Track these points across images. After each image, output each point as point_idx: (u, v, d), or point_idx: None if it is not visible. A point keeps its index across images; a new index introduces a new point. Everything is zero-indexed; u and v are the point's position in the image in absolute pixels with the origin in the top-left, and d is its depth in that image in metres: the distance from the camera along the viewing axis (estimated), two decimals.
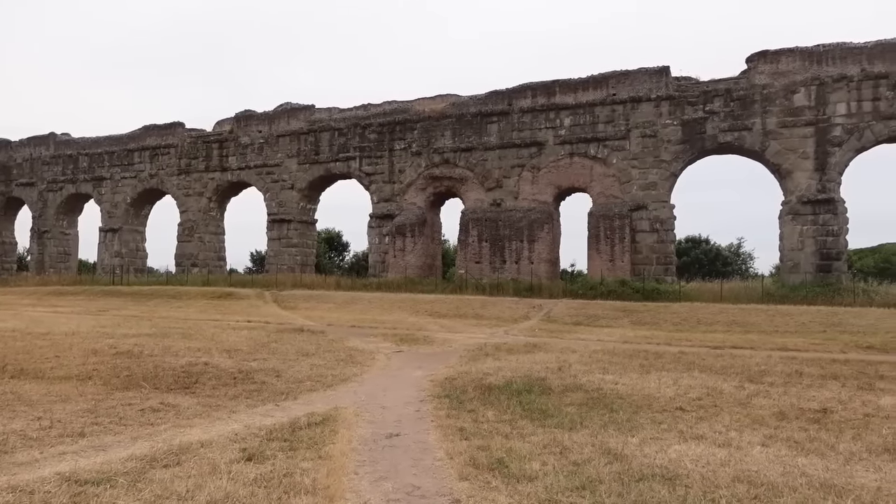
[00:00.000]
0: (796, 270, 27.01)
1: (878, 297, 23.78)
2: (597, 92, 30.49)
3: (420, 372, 10.57)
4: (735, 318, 20.17)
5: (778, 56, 27.80)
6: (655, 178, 29.07)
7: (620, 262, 28.67)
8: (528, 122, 31.55)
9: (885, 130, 26.08)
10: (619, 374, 9.92)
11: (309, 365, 10.87)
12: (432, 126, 33.59)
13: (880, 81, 26.10)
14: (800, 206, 26.93)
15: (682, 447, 5.70)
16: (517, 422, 6.71)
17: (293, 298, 27.84)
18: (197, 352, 12.02)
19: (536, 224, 30.34)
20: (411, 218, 33.19)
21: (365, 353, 12.85)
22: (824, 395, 8.35)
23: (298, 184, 36.93)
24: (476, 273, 30.72)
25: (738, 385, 9.09)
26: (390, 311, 23.96)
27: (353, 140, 35.47)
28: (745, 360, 11.77)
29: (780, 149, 27.33)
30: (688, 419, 6.99)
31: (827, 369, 10.73)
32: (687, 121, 28.72)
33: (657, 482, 4.65)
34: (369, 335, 16.53)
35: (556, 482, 4.61)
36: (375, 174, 34.84)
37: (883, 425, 6.70)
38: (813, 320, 19.43)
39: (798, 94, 27.15)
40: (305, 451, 5.41)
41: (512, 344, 14.53)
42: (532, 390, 8.48)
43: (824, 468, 5.13)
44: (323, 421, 6.59)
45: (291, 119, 37.58)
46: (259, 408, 7.44)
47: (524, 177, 31.46)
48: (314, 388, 8.88)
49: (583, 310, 22.68)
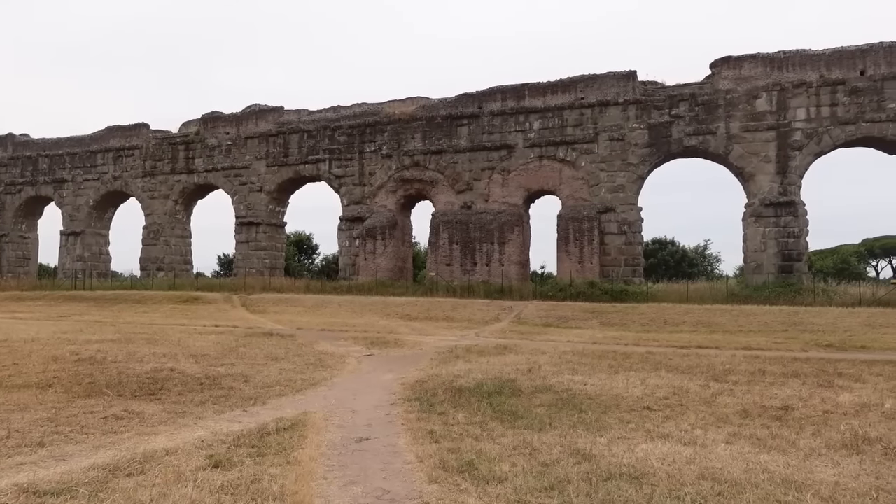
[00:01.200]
0: (759, 271, 27.66)
1: (836, 296, 24.50)
2: (565, 95, 30.83)
3: (390, 375, 10.53)
4: (701, 319, 20.56)
5: (741, 62, 28.48)
6: (623, 180, 29.50)
7: (589, 264, 29.00)
8: (497, 125, 31.73)
9: (843, 135, 26.91)
10: (588, 375, 10.02)
11: (278, 369, 10.74)
12: (402, 128, 33.55)
13: (838, 87, 26.92)
14: (762, 209, 27.61)
15: (649, 446, 5.79)
16: (487, 423, 6.73)
17: (262, 302, 27.50)
18: (162, 357, 11.78)
19: (507, 226, 30.51)
20: (382, 220, 33.09)
21: (335, 357, 12.75)
22: (786, 393, 8.56)
23: (267, 186, 36.51)
24: (447, 275, 30.75)
25: (703, 384, 9.25)
26: (361, 314, 23.83)
27: (323, 142, 35.23)
28: (711, 360, 12.00)
29: (743, 152, 27.98)
30: (655, 418, 7.10)
31: (789, 368, 11.00)
32: (653, 125, 29.21)
33: (624, 481, 4.71)
34: (339, 339, 16.41)
35: (526, 483, 4.64)
36: (345, 176, 34.65)
37: (841, 422, 6.90)
38: (775, 320, 19.91)
39: (760, 100, 27.84)
40: (274, 457, 5.34)
41: (482, 346, 14.57)
42: (502, 392, 8.51)
43: (785, 464, 5.26)
44: (292, 426, 6.52)
45: (260, 121, 37.15)
46: (226, 414, 7.32)
47: (494, 179, 31.62)
48: (283, 392, 8.78)
49: (553, 311, 22.87)
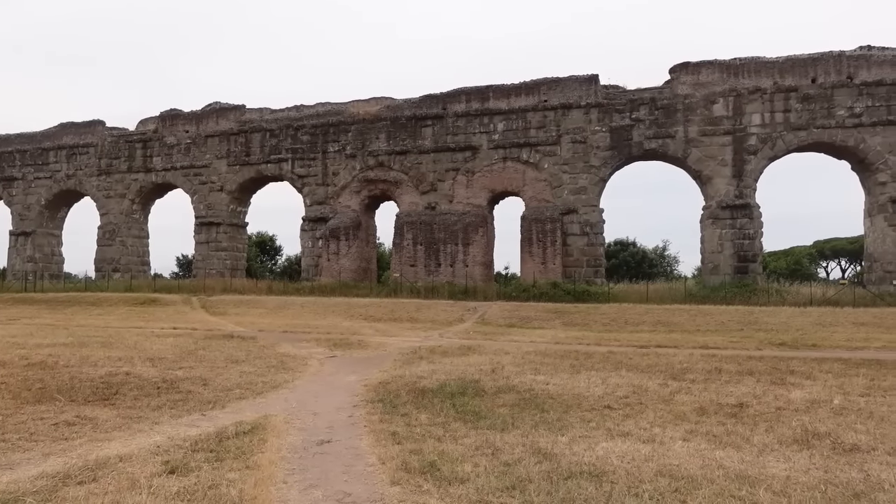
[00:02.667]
0: (716, 272, 28.37)
1: (789, 296, 25.29)
2: (529, 98, 31.10)
3: (354, 377, 10.45)
4: (660, 319, 20.97)
5: (699, 68, 29.17)
6: (585, 182, 29.90)
7: (552, 265, 29.30)
8: (462, 127, 31.82)
9: (795, 140, 27.81)
10: (551, 375, 10.11)
11: (238, 372, 10.55)
12: (367, 128, 33.37)
13: (791, 94, 27.82)
14: (719, 211, 28.32)
15: (609, 444, 5.87)
16: (450, 424, 6.73)
17: (222, 304, 26.99)
18: (118, 361, 11.46)
19: (471, 227, 30.61)
20: (345, 221, 32.84)
21: (297, 359, 12.60)
22: (741, 391, 8.79)
23: (228, 186, 35.88)
24: (411, 276, 30.69)
25: (662, 383, 9.44)
26: (324, 315, 23.60)
27: (286, 141, 34.79)
28: (669, 359, 12.24)
29: (700, 156, 28.66)
30: (615, 417, 7.21)
31: (744, 366, 11.30)
32: (615, 128, 29.70)
33: (585, 479, 4.77)
34: (302, 340, 16.21)
35: (488, 483, 4.66)
36: (308, 176, 34.28)
37: (793, 418, 7.12)
38: (731, 319, 20.44)
39: (717, 105, 28.57)
40: (232, 462, 5.24)
41: (446, 347, 14.58)
42: (466, 392, 8.53)
43: (740, 460, 5.40)
44: (252, 429, 6.41)
45: (221, 119, 36.49)
46: (184, 418, 7.16)
47: (459, 180, 31.70)
48: (243, 395, 8.63)
49: (516, 312, 23.03)
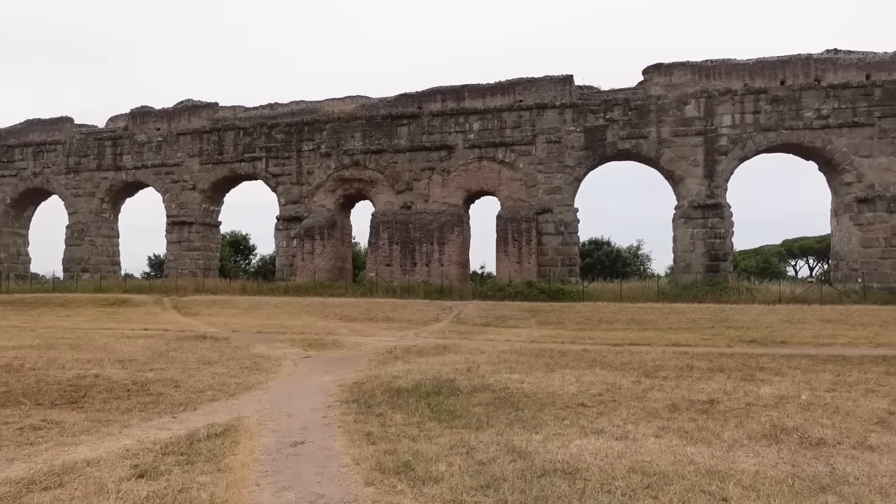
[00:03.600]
0: (688, 271, 28.79)
1: (759, 294, 25.80)
2: (504, 98, 31.22)
3: (328, 377, 10.37)
4: (634, 317, 21.21)
5: (671, 69, 29.57)
6: (560, 182, 30.11)
7: (527, 264, 29.46)
8: (437, 126, 31.81)
9: (765, 141, 28.36)
10: (526, 374, 10.16)
11: (211, 373, 10.40)
12: (342, 127, 33.18)
13: (760, 96, 28.35)
14: (691, 211, 28.75)
15: (582, 442, 5.91)
16: (425, 424, 6.72)
17: (195, 304, 26.61)
18: (86, 363, 11.22)
19: (447, 227, 30.62)
20: (320, 220, 32.62)
21: (271, 360, 12.47)
22: (712, 387, 8.93)
23: (200, 184, 35.39)
24: (387, 276, 30.61)
25: (635, 380, 9.54)
26: (299, 315, 23.41)
27: (260, 140, 34.43)
28: (643, 356, 12.39)
29: (673, 156, 29.06)
30: (589, 414, 7.26)
31: (715, 363, 11.48)
32: (589, 128, 29.96)
33: (558, 477, 4.80)
34: (276, 341, 16.05)
35: (462, 482, 4.66)
36: (283, 175, 33.98)
37: (762, 413, 7.25)
38: (703, 317, 20.76)
39: (689, 106, 28.99)
40: (204, 465, 5.16)
41: (422, 346, 14.57)
42: (441, 392, 8.52)
43: (710, 455, 5.49)
44: (224, 431, 6.32)
45: (193, 117, 35.96)
46: (154, 421, 7.03)
47: (434, 180, 31.69)
48: (216, 397, 8.51)
49: (492, 311, 23.10)
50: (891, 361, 11.62)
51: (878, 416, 7.12)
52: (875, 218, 27.02)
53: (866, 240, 27.09)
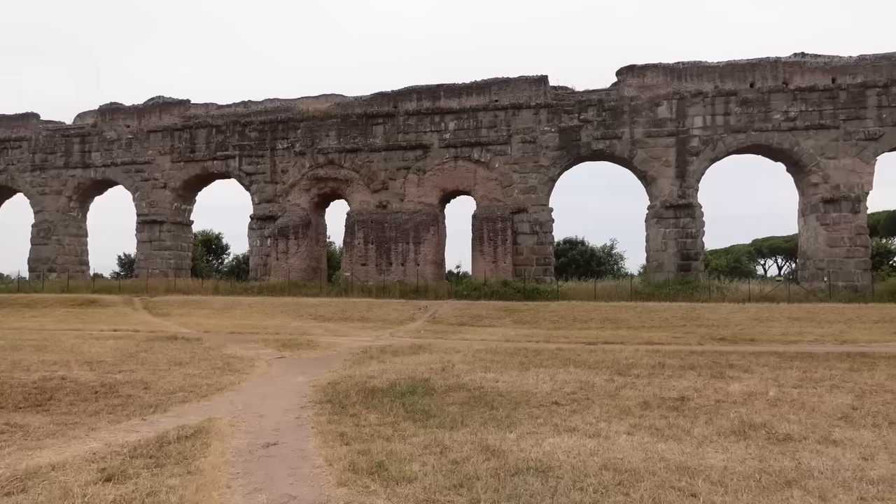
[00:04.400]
0: (661, 270, 29.18)
1: (729, 293, 26.26)
2: (480, 97, 31.30)
3: (302, 378, 10.29)
4: (607, 315, 21.43)
5: (644, 71, 29.93)
6: (535, 182, 30.30)
7: (503, 264, 29.58)
8: (413, 125, 31.77)
9: (734, 142, 28.87)
10: (500, 373, 10.20)
11: (182, 375, 10.25)
12: (316, 126, 32.95)
13: (730, 98, 28.85)
14: (663, 211, 29.14)
15: (555, 440, 5.96)
16: (399, 424, 6.71)
17: (166, 304, 26.19)
18: (53, 365, 10.97)
19: (422, 226, 30.60)
20: (295, 220, 32.36)
21: (244, 361, 12.32)
22: (683, 385, 9.07)
23: (172, 183, 34.83)
24: (362, 275, 30.48)
25: (608, 378, 9.64)
26: (273, 315, 23.19)
27: (233, 138, 34.02)
28: (616, 355, 12.53)
29: (646, 157, 29.43)
30: (562, 412, 7.32)
31: (686, 360, 11.66)
32: (563, 128, 30.19)
33: (531, 475, 4.83)
34: (250, 341, 15.88)
35: (435, 482, 4.66)
36: (257, 174, 33.62)
37: (731, 410, 7.38)
38: (675, 315, 21.06)
39: (661, 107, 29.38)
40: (173, 467, 5.08)
41: (397, 346, 14.54)
42: (416, 391, 8.51)
43: (680, 452, 5.57)
44: (194, 433, 6.23)
45: (164, 114, 35.38)
46: (123, 423, 6.90)
47: (410, 179, 31.64)
48: (187, 399, 8.38)
49: (467, 310, 23.15)
50: (855, 358, 11.93)
51: (842, 412, 7.30)
52: (840, 218, 27.68)
53: (832, 239, 27.75)
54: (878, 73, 27.89)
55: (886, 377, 9.69)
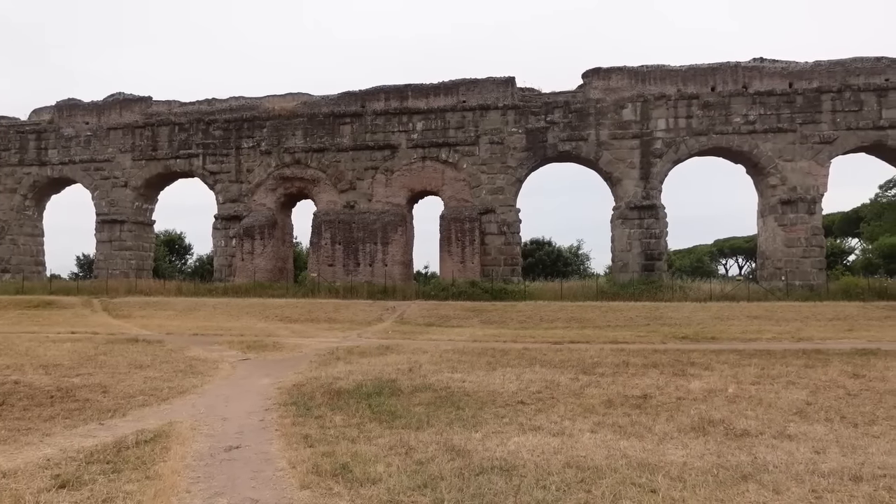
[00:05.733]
0: (626, 270, 29.63)
1: (691, 292, 26.81)
2: (448, 98, 31.34)
3: (267, 380, 10.17)
4: (573, 315, 21.68)
5: (609, 74, 30.36)
6: (503, 183, 30.47)
7: (471, 264, 29.67)
8: (381, 125, 31.66)
9: (697, 145, 29.48)
10: (467, 373, 10.24)
11: (142, 378, 10.03)
12: (283, 125, 32.58)
13: (693, 101, 29.46)
14: (628, 212, 29.60)
15: (520, 439, 6.01)
16: (365, 425, 6.68)
17: (127, 306, 25.58)
18: (5, 369, 10.62)
19: (390, 226, 30.51)
20: (260, 219, 31.94)
21: (207, 363, 12.12)
22: (645, 383, 9.23)
23: (133, 181, 34.04)
24: (329, 276, 30.24)
25: (573, 377, 9.76)
26: (238, 317, 22.84)
27: (197, 136, 33.41)
28: (581, 354, 12.68)
29: (611, 158, 29.85)
30: (528, 412, 7.38)
31: (649, 359, 11.87)
32: (531, 129, 30.43)
33: (495, 474, 4.86)
34: (213, 343, 15.62)
35: (399, 483, 4.65)
36: (221, 173, 33.08)
37: (691, 407, 7.55)
38: (639, 315, 21.41)
39: (626, 109, 29.84)
40: (131, 473, 4.97)
41: (364, 347, 14.47)
42: (382, 392, 8.49)
43: (642, 448, 5.67)
44: (154, 438, 6.11)
45: (125, 111, 34.56)
46: (79, 428, 6.72)
47: (378, 179, 31.52)
48: (147, 402, 8.21)
49: (435, 311, 23.16)
50: (810, 355, 12.30)
51: (797, 407, 7.52)
52: (797, 219, 28.51)
53: (789, 240, 28.56)
54: (832, 78, 28.80)
55: (839, 373, 10.02)
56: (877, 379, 9.47)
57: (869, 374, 9.84)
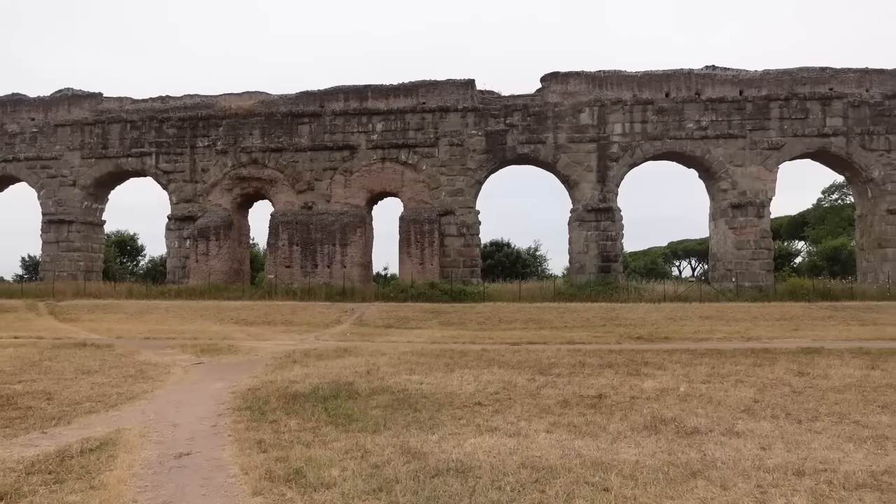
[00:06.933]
0: (583, 271, 30.08)
1: (646, 293, 27.38)
2: (408, 99, 31.29)
3: (221, 384, 9.95)
4: (531, 316, 21.88)
5: (567, 78, 30.79)
6: (462, 184, 30.57)
7: (430, 265, 29.67)
8: (340, 125, 31.40)
9: (651, 149, 30.15)
10: (425, 374, 10.23)
11: (89, 384, 9.69)
12: (240, 124, 32.00)
13: (648, 106, 30.12)
14: (585, 214, 30.06)
15: (477, 440, 6.02)
16: (321, 429, 6.60)
17: (75, 309, 24.70)
18: None
19: (349, 228, 30.27)
20: (216, 220, 31.27)
21: (159, 367, 11.79)
22: (601, 383, 9.38)
23: (82, 180, 32.92)
24: (286, 278, 29.81)
25: (530, 378, 9.85)
26: (191, 319, 22.30)
27: (150, 134, 32.53)
28: (538, 355, 12.81)
29: (568, 161, 30.27)
30: (485, 413, 7.41)
31: (605, 359, 12.06)
32: (490, 132, 30.62)
33: (451, 476, 4.86)
34: (166, 347, 15.21)
35: (354, 487, 4.61)
36: (175, 172, 32.28)
37: (644, 406, 7.70)
38: (596, 315, 21.75)
39: (583, 114, 30.31)
40: (74, 483, 4.79)
41: (322, 349, 14.31)
42: (338, 395, 8.41)
43: (596, 448, 5.75)
44: (100, 446, 5.90)
45: (73, 107, 33.41)
46: (20, 437, 6.45)
47: (336, 180, 31.24)
48: (94, 409, 7.94)
49: (394, 312, 23.06)
50: (758, 354, 12.70)
51: (745, 405, 7.75)
52: (747, 222, 29.43)
53: (739, 242, 29.46)
54: (780, 87, 29.85)
55: (785, 371, 10.37)
56: (820, 377, 9.84)
57: (812, 373, 10.21)
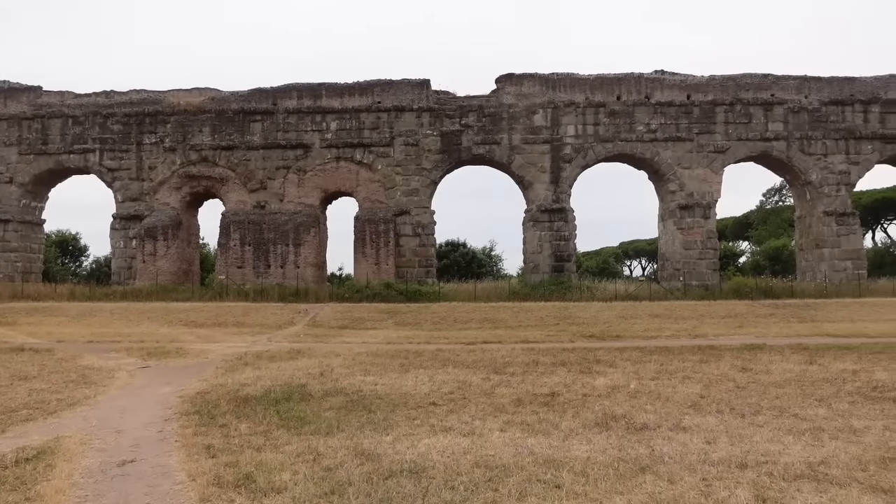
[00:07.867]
0: (537, 271, 30.44)
1: (598, 293, 27.90)
2: (363, 98, 31.07)
3: (168, 388, 9.67)
4: (486, 316, 22.01)
5: (521, 80, 31.11)
6: (417, 184, 30.53)
7: (385, 266, 29.53)
8: (293, 124, 30.94)
9: (603, 151, 30.73)
10: (380, 375, 10.16)
11: (27, 390, 9.27)
12: (189, 121, 31.17)
13: (600, 109, 30.69)
14: (539, 214, 30.43)
15: (431, 440, 6.01)
16: (272, 432, 6.48)
17: (12, 312, 23.60)
18: None
19: (303, 227, 29.86)
20: (164, 219, 30.39)
21: (102, 372, 11.37)
22: (554, 381, 9.50)
23: (20, 177, 31.50)
24: (238, 278, 29.20)
25: (485, 377, 9.90)
26: (138, 322, 21.60)
27: (93, 130, 31.37)
28: (493, 354, 12.90)
29: (523, 162, 30.59)
30: (439, 413, 7.41)
31: (558, 357, 12.23)
32: (445, 132, 30.68)
33: (405, 477, 4.84)
34: (110, 351, 14.68)
35: (306, 491, 4.54)
36: (120, 170, 31.22)
37: (596, 403, 7.83)
38: (549, 315, 22.03)
39: (537, 115, 30.68)
40: (8, 495, 4.57)
41: (274, 351, 14.06)
42: (291, 398, 8.27)
43: (548, 445, 5.82)
44: (37, 455, 5.65)
45: (10, 101, 31.94)
46: None
47: (290, 179, 30.78)
48: (31, 416, 7.59)
49: (349, 313, 22.86)
50: (705, 351, 13.10)
51: (691, 401, 7.97)
52: (694, 223, 30.32)
53: (687, 242, 30.32)
54: (725, 92, 30.86)
55: (730, 367, 10.72)
56: (762, 372, 10.20)
57: (755, 368, 10.59)
